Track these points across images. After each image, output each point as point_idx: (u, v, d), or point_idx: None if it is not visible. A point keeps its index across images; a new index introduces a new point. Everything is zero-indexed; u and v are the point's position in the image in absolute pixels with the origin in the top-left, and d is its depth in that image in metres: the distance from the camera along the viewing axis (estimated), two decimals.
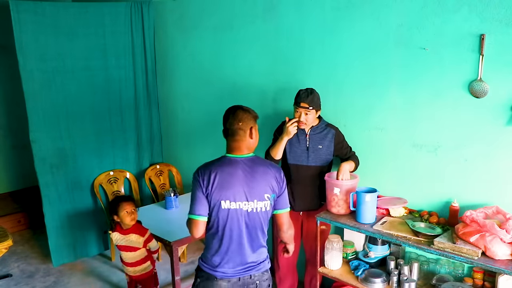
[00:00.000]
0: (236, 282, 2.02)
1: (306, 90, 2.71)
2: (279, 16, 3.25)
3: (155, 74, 4.29)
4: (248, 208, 1.98)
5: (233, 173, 1.96)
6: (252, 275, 2.04)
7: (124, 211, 2.91)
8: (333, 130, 2.84)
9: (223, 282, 2.01)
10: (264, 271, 2.09)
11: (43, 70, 3.61)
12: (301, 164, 2.82)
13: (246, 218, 1.99)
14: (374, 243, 2.79)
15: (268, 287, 2.12)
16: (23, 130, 3.90)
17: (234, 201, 1.96)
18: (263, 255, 2.11)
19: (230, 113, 2.05)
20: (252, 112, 2.08)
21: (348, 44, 2.91)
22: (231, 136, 2.03)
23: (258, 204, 1.99)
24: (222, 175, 1.95)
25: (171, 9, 4.12)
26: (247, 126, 2.02)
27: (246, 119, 2.03)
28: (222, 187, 1.94)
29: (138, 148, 4.29)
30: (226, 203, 1.95)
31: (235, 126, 2.01)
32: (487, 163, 2.45)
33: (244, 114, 2.03)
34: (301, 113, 2.71)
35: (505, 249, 2.13)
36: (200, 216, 1.97)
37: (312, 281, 3.05)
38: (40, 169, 3.69)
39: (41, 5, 3.53)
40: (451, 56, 2.47)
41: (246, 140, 2.03)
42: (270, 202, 2.02)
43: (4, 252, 3.24)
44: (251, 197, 1.97)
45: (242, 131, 2.01)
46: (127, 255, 2.97)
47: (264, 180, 1.99)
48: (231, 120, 2.02)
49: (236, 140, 2.02)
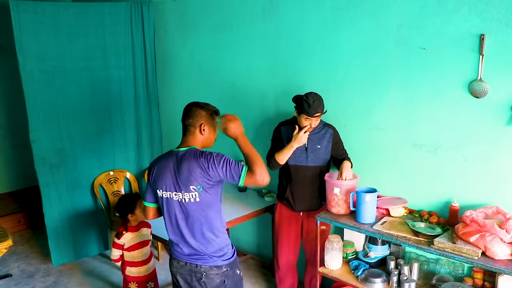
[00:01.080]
0: (184, 266, 2.12)
1: (313, 98, 2.64)
2: (279, 16, 3.25)
3: (155, 74, 4.29)
4: (178, 198, 2.05)
5: (166, 165, 2.08)
6: (198, 265, 2.08)
7: (140, 208, 2.93)
8: (331, 130, 2.84)
9: (175, 262, 2.17)
10: (213, 266, 2.08)
11: (43, 70, 3.61)
12: (300, 165, 2.82)
13: (180, 207, 2.07)
14: (374, 243, 2.79)
15: (223, 283, 2.09)
16: (23, 130, 3.90)
17: (166, 190, 2.07)
18: (211, 249, 2.07)
19: (185, 109, 2.13)
20: (207, 108, 2.11)
21: (348, 44, 2.91)
22: (183, 131, 2.13)
23: (185, 195, 2.03)
24: (159, 167, 2.10)
25: (171, 9, 4.12)
26: (197, 122, 2.08)
27: (198, 115, 2.08)
28: (157, 177, 2.09)
29: (138, 148, 4.29)
30: (160, 192, 2.09)
31: (185, 122, 2.11)
32: (487, 163, 2.45)
33: (196, 110, 2.09)
34: (313, 121, 2.69)
35: (505, 249, 2.12)
36: (148, 203, 2.20)
37: (312, 281, 3.05)
38: (40, 169, 3.69)
39: (41, 5, 3.53)
40: (451, 56, 2.47)
41: (195, 136, 2.09)
42: (197, 193, 2.01)
43: (4, 252, 3.24)
44: (179, 188, 2.03)
45: (192, 127, 2.09)
46: (140, 252, 2.97)
47: (187, 172, 2.00)
48: (184, 116, 2.12)
49: (185, 135, 2.12)
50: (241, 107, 3.66)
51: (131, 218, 2.94)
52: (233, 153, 3.87)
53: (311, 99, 2.65)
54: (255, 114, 3.57)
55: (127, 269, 3.01)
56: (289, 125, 2.86)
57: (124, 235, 2.93)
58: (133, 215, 2.93)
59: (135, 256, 2.97)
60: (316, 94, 2.69)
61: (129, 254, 2.97)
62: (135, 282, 3.02)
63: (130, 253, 2.96)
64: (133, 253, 2.96)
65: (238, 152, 2.12)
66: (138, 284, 3.02)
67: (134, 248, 2.96)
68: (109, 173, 4.08)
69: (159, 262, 3.96)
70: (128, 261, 2.99)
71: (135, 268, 3.00)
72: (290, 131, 2.82)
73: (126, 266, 3.01)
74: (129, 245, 2.95)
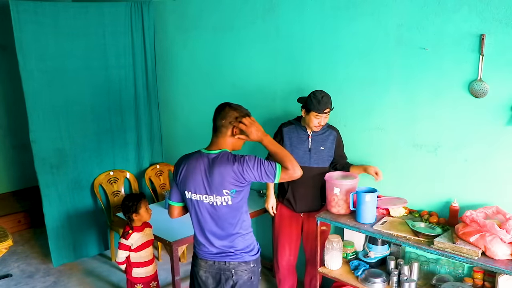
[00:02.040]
0: (212, 265, 2.11)
1: (321, 94, 2.65)
2: (279, 16, 3.25)
3: (155, 74, 4.29)
4: (209, 201, 2.04)
5: (196, 167, 2.04)
6: (227, 262, 2.09)
7: (145, 208, 2.93)
8: (334, 132, 2.84)
9: (202, 262, 2.14)
10: (241, 261, 2.10)
11: (43, 70, 3.61)
12: (303, 165, 2.80)
13: (210, 209, 2.05)
14: (374, 243, 2.79)
15: (250, 279, 2.12)
16: (23, 130, 3.90)
17: (195, 193, 2.05)
18: (241, 245, 2.10)
19: (218, 109, 2.08)
20: (240, 110, 2.06)
21: (348, 44, 2.91)
22: (214, 132, 2.09)
23: (218, 199, 2.03)
24: (188, 168, 2.06)
25: (171, 9, 4.12)
26: (230, 124, 2.03)
27: (231, 117, 2.03)
28: (186, 179, 2.06)
29: (138, 148, 4.29)
30: (189, 194, 2.07)
31: (218, 123, 2.05)
32: (487, 163, 2.45)
33: (230, 111, 2.04)
34: (322, 118, 2.70)
35: (505, 249, 2.12)
36: (174, 202, 2.17)
37: (312, 281, 3.05)
38: (40, 169, 3.69)
39: (41, 5, 3.53)
40: (451, 56, 2.47)
41: (225, 137, 2.05)
42: (230, 197, 2.02)
43: (4, 252, 3.23)
44: (211, 192, 2.02)
45: (224, 129, 2.04)
46: (147, 251, 2.96)
47: (220, 177, 1.99)
48: (217, 116, 2.06)
49: (216, 136, 2.07)
50: None
51: (136, 218, 2.92)
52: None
53: (319, 95, 2.65)
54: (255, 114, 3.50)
55: (133, 270, 2.97)
56: (292, 125, 2.86)
57: (131, 235, 2.90)
58: (137, 215, 2.91)
59: (143, 256, 2.96)
60: (323, 91, 2.70)
61: (136, 255, 2.95)
62: (141, 284, 3.01)
63: (138, 253, 2.95)
64: (141, 253, 2.95)
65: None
66: (144, 285, 3.02)
67: (141, 248, 2.95)
68: (109, 173, 4.08)
69: (159, 262, 3.96)
70: (135, 262, 2.97)
71: (143, 269, 2.98)
72: (292, 132, 2.82)
73: (132, 268, 2.98)
74: (136, 245, 2.93)
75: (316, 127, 2.74)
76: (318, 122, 2.71)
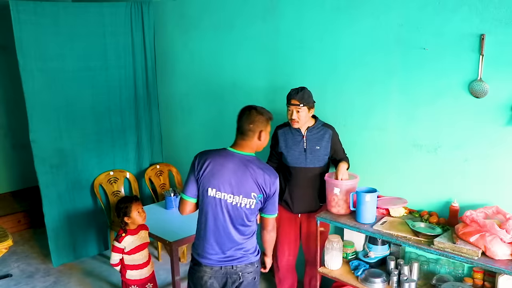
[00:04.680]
0: (219, 270, 2.10)
1: (297, 88, 2.72)
2: (279, 16, 3.25)
3: (155, 74, 4.29)
4: (233, 201, 2.04)
5: (225, 164, 2.04)
6: (234, 266, 2.09)
7: (136, 211, 2.91)
8: (330, 130, 2.83)
9: (207, 269, 2.11)
10: (248, 263, 2.12)
11: (43, 70, 3.61)
12: (299, 166, 2.81)
13: (230, 209, 2.05)
14: (374, 243, 2.79)
15: (254, 280, 2.15)
16: (23, 130, 3.90)
17: (220, 191, 2.03)
18: (249, 246, 2.14)
19: (245, 112, 2.11)
20: (266, 114, 2.12)
21: (348, 44, 2.91)
22: (241, 134, 2.10)
23: (243, 200, 2.04)
24: (214, 164, 2.04)
25: (171, 9, 4.12)
26: (257, 128, 2.08)
27: (258, 121, 2.08)
28: (212, 175, 2.03)
29: (138, 148, 4.29)
30: (212, 191, 2.04)
31: (246, 127, 2.08)
32: (487, 163, 2.45)
33: (257, 116, 2.09)
34: (293, 111, 2.70)
35: (505, 249, 2.12)
36: (189, 197, 2.11)
37: (312, 281, 3.05)
38: (40, 169, 3.69)
39: (41, 5, 3.53)
40: (451, 56, 2.47)
41: (253, 141, 2.10)
42: (255, 201, 2.06)
43: (4, 252, 3.24)
44: (238, 192, 2.03)
45: (251, 132, 2.08)
46: (141, 255, 2.95)
47: (254, 179, 2.03)
48: (244, 120, 2.09)
49: (243, 139, 2.10)
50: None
51: (129, 221, 2.91)
52: None
53: (293, 89, 2.70)
54: None
55: (127, 273, 2.97)
56: (286, 127, 2.86)
57: (124, 238, 2.90)
58: (129, 218, 2.90)
59: (136, 259, 2.95)
60: (304, 87, 2.72)
61: (130, 258, 2.94)
62: (135, 285, 3.00)
63: (131, 256, 2.94)
64: (134, 256, 2.94)
65: None
66: (139, 287, 3.01)
67: (135, 251, 2.94)
68: (109, 173, 4.08)
69: (159, 262, 3.96)
70: (129, 264, 2.96)
71: (137, 271, 2.97)
72: (287, 134, 2.82)
73: (126, 270, 2.97)
74: (130, 249, 2.92)
75: (293, 122, 2.73)
76: (290, 115, 2.71)
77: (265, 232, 2.21)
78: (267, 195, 2.09)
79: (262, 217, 2.18)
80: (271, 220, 2.18)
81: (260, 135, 2.09)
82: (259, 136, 2.09)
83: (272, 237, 2.22)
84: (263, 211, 2.15)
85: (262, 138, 2.10)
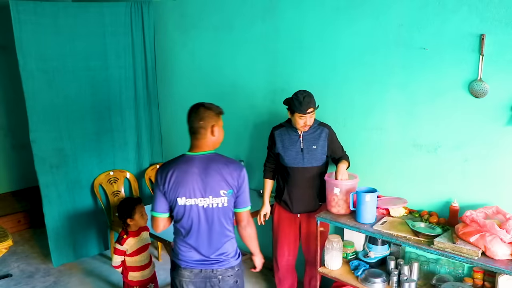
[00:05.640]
0: (198, 273, 2.07)
1: (302, 95, 2.66)
2: (279, 16, 3.25)
3: (155, 74, 4.29)
4: (204, 204, 2.01)
5: (188, 170, 1.99)
6: (214, 270, 2.07)
7: (140, 213, 2.91)
8: (326, 129, 2.82)
9: (186, 272, 2.08)
10: (228, 267, 2.09)
11: (43, 70, 3.61)
12: (297, 166, 2.81)
13: (204, 213, 2.02)
14: (374, 243, 2.79)
15: (235, 283, 2.11)
16: (23, 130, 3.90)
17: (190, 197, 1.99)
18: (230, 249, 2.10)
19: (192, 111, 2.06)
20: (215, 109, 2.07)
21: (348, 44, 2.91)
22: (193, 134, 2.06)
23: (214, 200, 2.01)
24: (178, 173, 1.99)
25: (171, 9, 4.12)
26: (208, 124, 2.03)
27: (208, 117, 2.03)
28: (177, 184, 1.99)
29: (138, 148, 4.29)
30: (182, 200, 2.00)
31: (196, 125, 2.03)
32: (487, 163, 2.45)
33: (205, 111, 2.04)
34: (307, 118, 2.69)
35: (505, 249, 2.12)
36: (159, 213, 2.05)
37: (312, 281, 3.05)
38: (40, 169, 3.69)
39: (41, 5, 3.53)
40: (451, 56, 2.47)
41: (207, 138, 2.05)
42: (227, 198, 2.02)
43: (4, 252, 3.24)
44: (206, 194, 2.00)
45: (203, 129, 2.03)
46: (143, 256, 2.95)
47: (219, 176, 1.99)
48: (193, 118, 2.04)
49: (197, 138, 2.05)
50: (241, 106, 3.66)
51: (131, 223, 2.91)
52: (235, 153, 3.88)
53: (301, 96, 2.65)
54: (256, 114, 3.57)
55: (129, 274, 2.97)
56: (283, 128, 2.86)
57: (126, 240, 2.89)
58: (132, 220, 2.90)
59: (137, 261, 2.96)
60: (305, 90, 2.70)
61: (131, 259, 2.94)
62: (137, 286, 3.00)
63: (133, 258, 2.94)
64: (136, 258, 2.94)
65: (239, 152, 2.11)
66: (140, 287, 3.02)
67: (136, 253, 2.94)
68: (109, 173, 4.08)
69: (159, 262, 3.96)
70: (131, 266, 2.96)
71: (139, 273, 2.98)
72: (284, 134, 2.82)
73: (128, 272, 2.97)
74: (132, 250, 2.92)
75: (303, 127, 2.73)
76: (304, 122, 2.70)
77: (240, 228, 2.13)
78: (237, 189, 2.04)
79: (235, 213, 2.11)
80: (244, 214, 2.10)
81: (213, 130, 2.03)
82: (212, 131, 2.03)
83: (250, 232, 2.13)
84: (234, 206, 2.09)
85: (215, 133, 2.04)
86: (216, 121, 2.06)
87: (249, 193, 2.11)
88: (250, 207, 2.12)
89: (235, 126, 3.73)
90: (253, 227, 2.15)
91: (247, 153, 3.71)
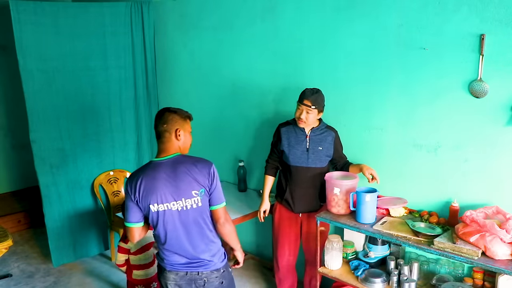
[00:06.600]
0: (184, 276, 2.07)
1: (312, 89, 2.70)
2: (279, 16, 3.25)
3: (155, 74, 4.29)
4: (178, 207, 2.00)
5: (156, 176, 1.98)
6: (200, 272, 2.06)
7: None
8: (333, 133, 2.84)
9: (171, 275, 2.08)
10: (213, 270, 2.09)
11: (43, 70, 3.61)
12: (301, 166, 2.81)
13: (179, 217, 2.01)
14: (374, 243, 2.79)
15: (221, 284, 2.11)
16: (23, 130, 3.90)
17: (162, 203, 1.98)
18: (212, 252, 2.09)
19: (158, 115, 2.07)
20: (181, 114, 2.08)
21: (348, 44, 2.91)
22: (158, 138, 2.06)
23: (187, 202, 2.00)
24: (146, 181, 1.98)
25: (171, 9, 4.12)
26: (172, 127, 2.03)
27: (172, 121, 2.04)
28: (147, 192, 1.97)
29: (138, 148, 4.29)
30: (154, 206, 1.99)
31: (160, 128, 2.04)
32: (487, 163, 2.45)
33: (170, 115, 2.05)
34: (303, 111, 2.69)
35: (505, 249, 2.12)
36: (133, 223, 2.04)
37: (312, 281, 3.05)
38: (40, 169, 3.69)
39: (41, 5, 3.53)
40: (451, 56, 2.47)
41: (172, 142, 2.04)
42: (200, 197, 2.01)
43: (4, 252, 3.24)
44: (178, 196, 1.98)
45: (167, 133, 2.03)
46: (146, 255, 2.95)
47: (189, 177, 1.98)
48: (157, 123, 2.05)
49: (162, 142, 2.05)
50: (241, 106, 3.66)
51: None
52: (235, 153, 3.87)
53: (308, 89, 2.69)
54: (255, 114, 3.58)
55: (133, 273, 2.97)
56: (289, 125, 2.86)
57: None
58: None
59: (141, 259, 2.96)
60: (319, 90, 2.71)
61: (136, 258, 2.95)
62: (141, 285, 3.00)
63: (137, 257, 2.94)
64: (140, 256, 2.95)
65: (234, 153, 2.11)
66: (144, 286, 3.01)
67: (141, 251, 2.94)
68: (109, 173, 4.08)
69: None
70: (134, 264, 2.96)
71: (142, 271, 2.98)
72: (290, 132, 2.82)
73: (132, 270, 2.97)
74: (136, 249, 2.93)
75: (298, 120, 2.72)
76: (299, 114, 2.70)
77: (219, 226, 2.09)
78: (209, 187, 2.03)
79: (211, 211, 2.08)
80: (221, 210, 2.07)
81: (177, 134, 2.03)
82: (176, 135, 2.03)
83: (229, 229, 2.10)
84: (209, 204, 2.07)
85: (181, 137, 2.04)
86: (182, 125, 2.06)
87: (221, 189, 2.09)
88: (225, 203, 2.10)
89: (235, 126, 3.73)
90: (231, 223, 2.12)
91: (247, 153, 3.71)
